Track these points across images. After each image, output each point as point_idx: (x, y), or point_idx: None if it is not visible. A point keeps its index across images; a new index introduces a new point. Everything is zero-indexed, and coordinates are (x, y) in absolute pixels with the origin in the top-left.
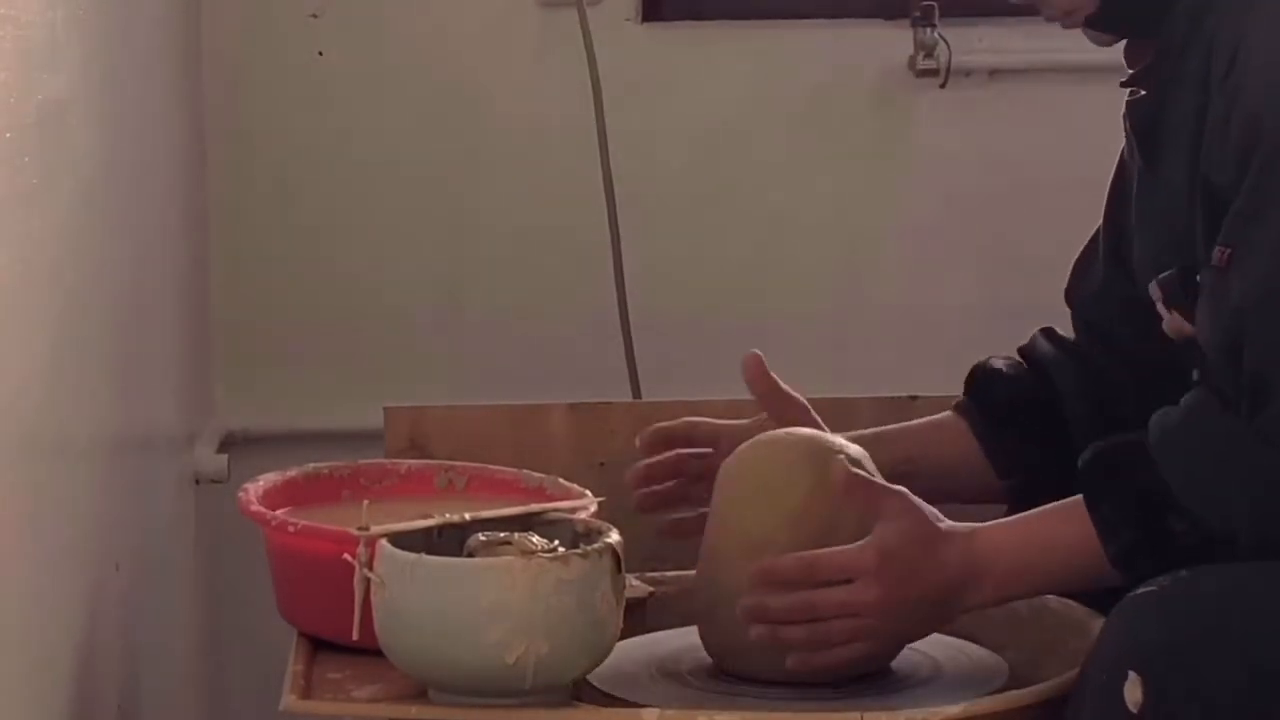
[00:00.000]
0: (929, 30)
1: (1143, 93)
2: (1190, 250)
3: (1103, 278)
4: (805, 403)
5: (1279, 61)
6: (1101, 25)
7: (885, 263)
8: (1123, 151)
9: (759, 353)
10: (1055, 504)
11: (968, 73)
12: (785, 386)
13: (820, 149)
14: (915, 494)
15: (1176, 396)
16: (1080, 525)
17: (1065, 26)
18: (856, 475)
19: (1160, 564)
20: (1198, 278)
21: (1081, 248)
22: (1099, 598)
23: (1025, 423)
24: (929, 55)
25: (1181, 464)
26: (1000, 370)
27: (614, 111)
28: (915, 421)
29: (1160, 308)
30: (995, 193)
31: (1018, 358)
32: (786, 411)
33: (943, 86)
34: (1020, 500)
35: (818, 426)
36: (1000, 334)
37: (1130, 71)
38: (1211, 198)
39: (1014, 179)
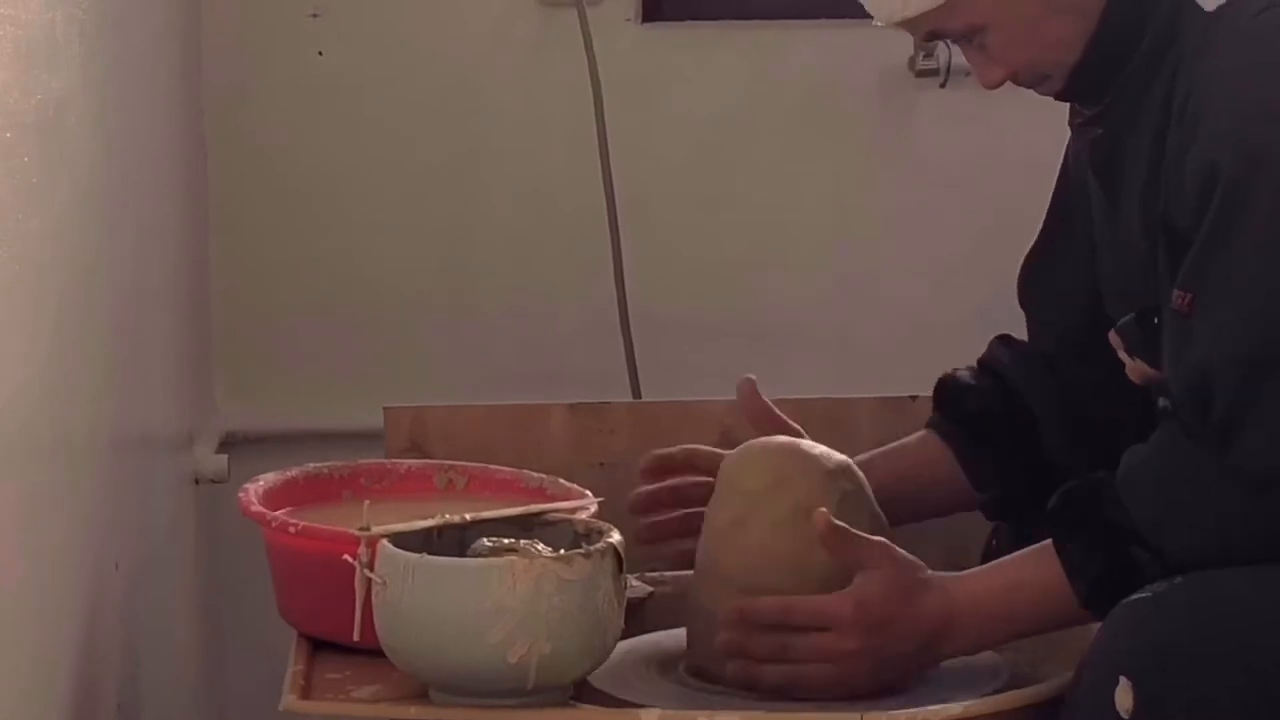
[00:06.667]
0: None
1: (1099, 131)
2: (1148, 284)
3: (1059, 282)
4: (798, 427)
5: (1233, 107)
6: (1067, 98)
7: (885, 262)
8: (1062, 171)
9: (752, 377)
10: (1030, 548)
11: (968, 73)
12: (778, 412)
13: (820, 149)
14: (902, 512)
15: (1136, 394)
16: (1051, 568)
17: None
18: (838, 528)
19: None
20: (1155, 320)
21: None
22: None
23: (998, 435)
24: (929, 55)
25: (1146, 497)
26: (968, 384)
27: (614, 111)
28: (895, 444)
29: (1122, 355)
30: (995, 193)
31: (978, 368)
32: (781, 435)
33: (943, 86)
34: (996, 512)
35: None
36: (1000, 334)
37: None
38: (1171, 236)
39: (1014, 179)
